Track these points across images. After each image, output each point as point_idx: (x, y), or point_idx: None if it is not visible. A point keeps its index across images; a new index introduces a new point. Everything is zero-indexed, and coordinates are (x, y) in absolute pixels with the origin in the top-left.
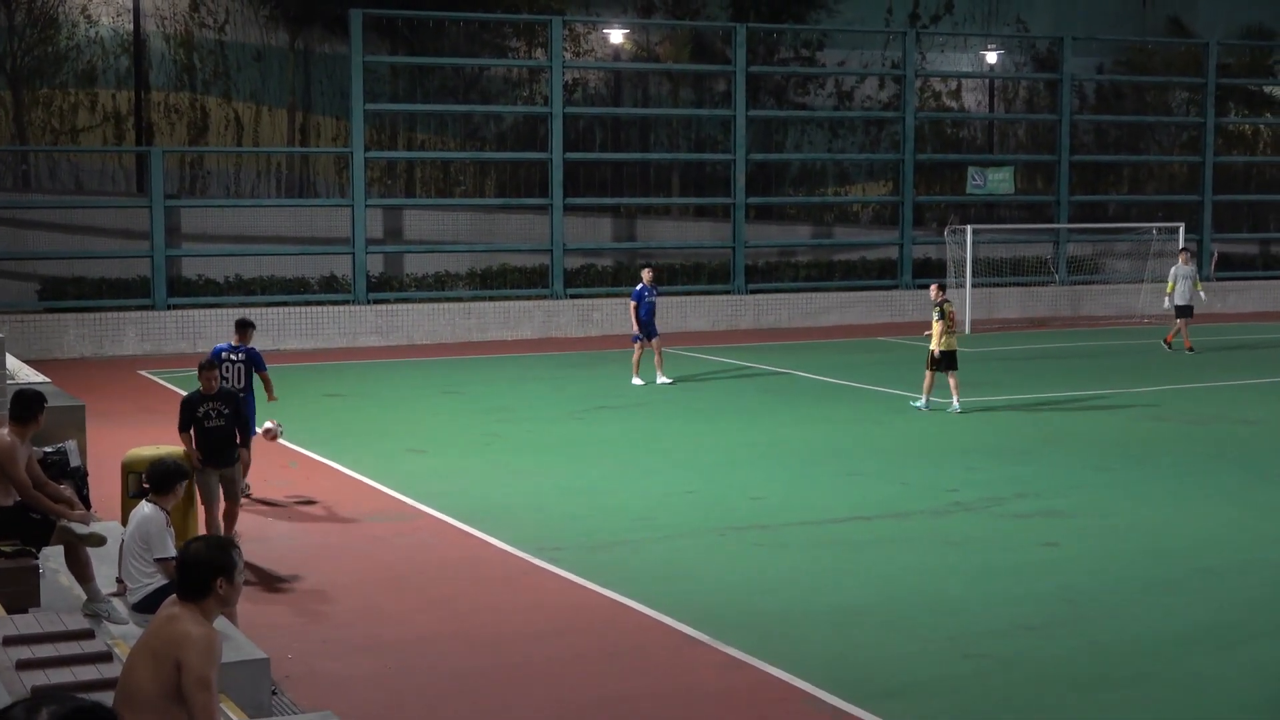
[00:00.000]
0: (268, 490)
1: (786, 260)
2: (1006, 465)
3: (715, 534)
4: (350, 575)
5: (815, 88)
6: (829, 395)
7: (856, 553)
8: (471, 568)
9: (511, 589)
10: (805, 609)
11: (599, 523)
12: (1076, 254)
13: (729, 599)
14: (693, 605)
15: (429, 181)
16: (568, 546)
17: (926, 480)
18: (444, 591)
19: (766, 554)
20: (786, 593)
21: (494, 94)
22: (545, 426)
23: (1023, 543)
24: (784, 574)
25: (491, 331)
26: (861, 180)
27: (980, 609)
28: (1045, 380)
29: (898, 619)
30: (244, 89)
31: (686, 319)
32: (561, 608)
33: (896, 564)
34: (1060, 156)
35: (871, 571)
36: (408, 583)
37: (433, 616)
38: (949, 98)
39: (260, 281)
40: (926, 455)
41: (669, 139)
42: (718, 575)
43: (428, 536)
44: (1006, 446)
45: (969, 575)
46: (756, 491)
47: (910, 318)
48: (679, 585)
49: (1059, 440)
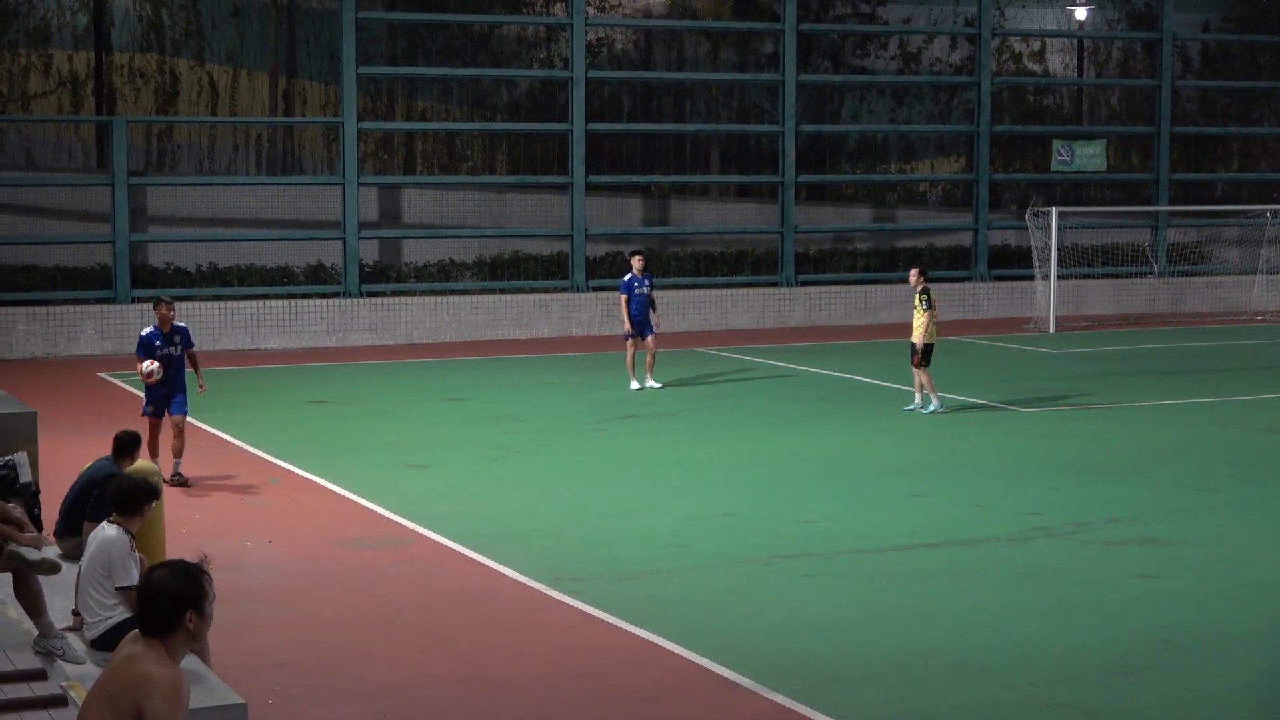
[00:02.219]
0: (245, 510)
1: (842, 248)
2: (1096, 485)
3: (759, 563)
4: (338, 609)
5: (876, 49)
6: (891, 404)
7: (921, 586)
8: (478, 601)
9: (524, 626)
10: (862, 651)
11: (625, 550)
12: (1178, 241)
13: (774, 638)
14: (733, 645)
15: (431, 156)
16: (589, 577)
17: (1003, 502)
18: (446, 628)
19: (818, 586)
20: (841, 632)
21: (506, 56)
22: (563, 439)
23: (1114, 575)
24: (838, 610)
25: (502, 329)
26: (930, 156)
27: (1064, 651)
28: (1141, 387)
29: (969, 662)
30: (219, 50)
31: (727, 315)
32: (582, 647)
33: (968, 599)
34: (1160, 128)
35: (939, 608)
36: (404, 618)
37: (432, 657)
38: (1031, 60)
39: (238, 271)
40: (1002, 473)
41: (707, 108)
42: (762, 610)
43: (427, 565)
44: (1096, 463)
45: (1051, 612)
46: (806, 514)
47: (986, 313)
48: (717, 622)
49: (1157, 456)
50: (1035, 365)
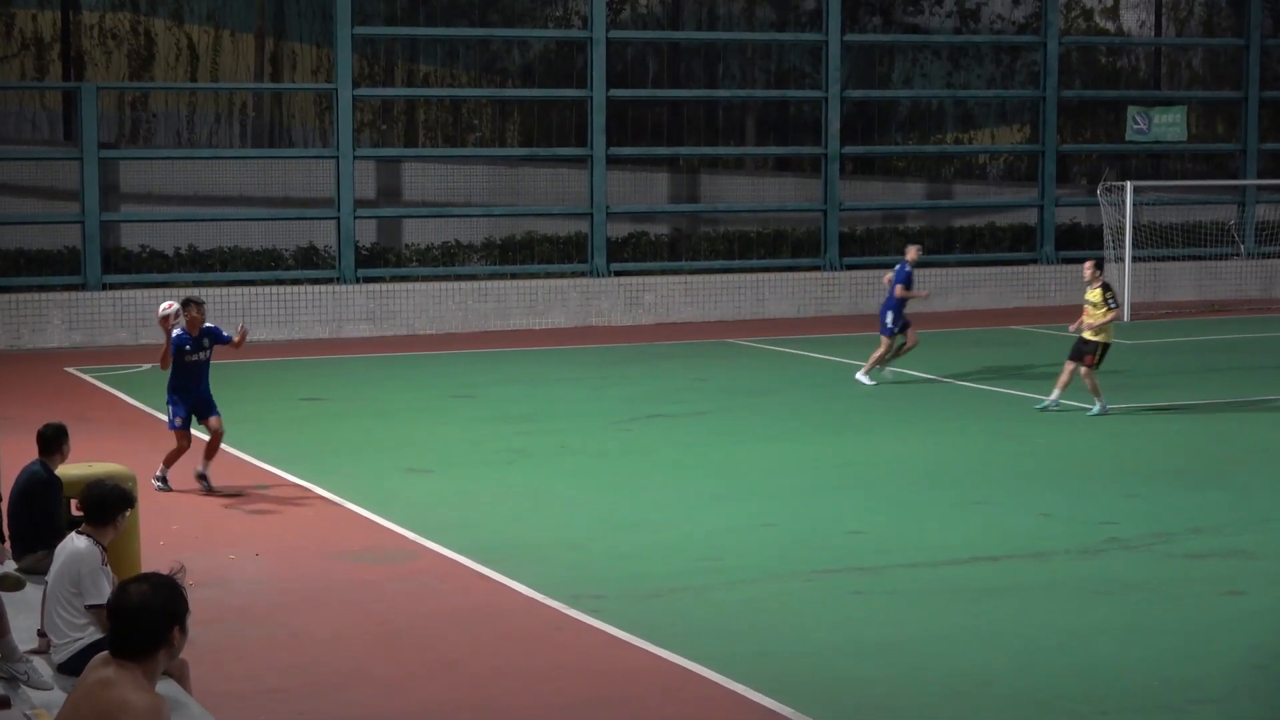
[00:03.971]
0: (229, 519)
1: (893, 227)
2: (1177, 491)
3: (801, 579)
4: (332, 629)
5: (930, 4)
6: (949, 401)
7: (982, 604)
8: (488, 621)
9: (539, 648)
10: (915, 676)
11: (651, 565)
12: (1268, 219)
13: (818, 662)
14: (771, 670)
15: (434, 127)
16: (612, 594)
17: (1073, 510)
18: (453, 651)
19: (866, 605)
20: (892, 655)
21: (518, 14)
22: (582, 441)
23: (1198, 591)
24: (889, 631)
25: (514, 318)
26: (990, 124)
27: (1143, 677)
28: (1227, 382)
29: (1035, 689)
30: (200, 9)
31: (764, 302)
32: (604, 672)
33: (1034, 619)
34: (1247, 93)
35: (1001, 628)
36: (407, 639)
37: (439, 683)
38: (1103, 17)
39: (220, 254)
40: (1074, 478)
41: (742, 71)
42: (804, 632)
43: (432, 580)
44: (1177, 467)
45: (1127, 632)
46: (854, 524)
47: (1053, 300)
48: (754, 644)
49: (1245, 460)
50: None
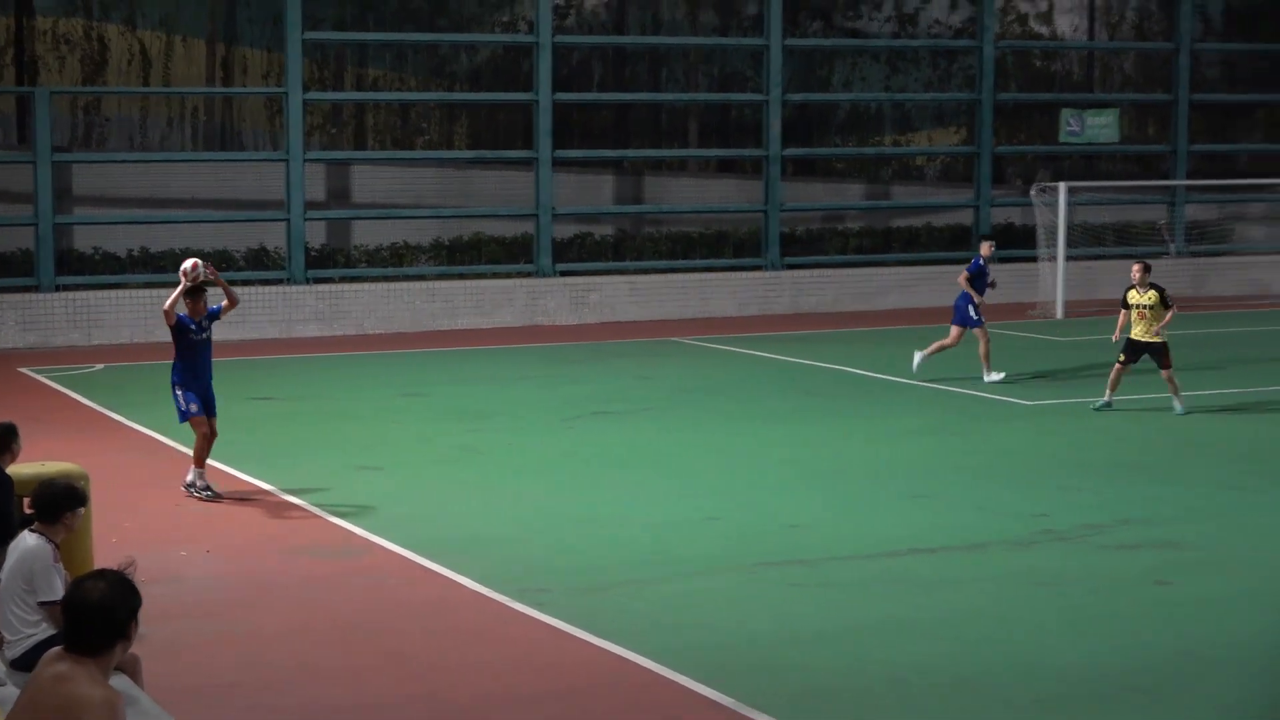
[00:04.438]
0: (181, 516)
1: (833, 227)
2: (1108, 485)
3: (742, 572)
4: (284, 625)
5: (869, 10)
6: (887, 397)
7: (919, 595)
8: (437, 615)
9: (488, 642)
10: (854, 665)
11: (597, 559)
12: (1198, 218)
13: (759, 653)
14: (714, 661)
15: (384, 130)
16: (558, 589)
17: (1009, 503)
18: (402, 645)
19: (807, 597)
20: (832, 645)
21: (466, 19)
22: (530, 438)
23: (1129, 581)
24: (828, 621)
25: (462, 318)
26: (928, 127)
27: (1074, 665)
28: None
29: (972, 677)
30: (152, 14)
31: (707, 301)
32: (549, 665)
33: (970, 608)
34: (1178, 95)
35: (938, 618)
36: (357, 634)
37: (388, 676)
38: (1038, 22)
39: (172, 256)
40: (1007, 472)
41: (685, 75)
42: (745, 623)
43: (382, 576)
44: (1108, 461)
45: (1061, 622)
46: (794, 518)
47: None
48: (697, 636)
49: (1175, 454)
50: (1041, 354)
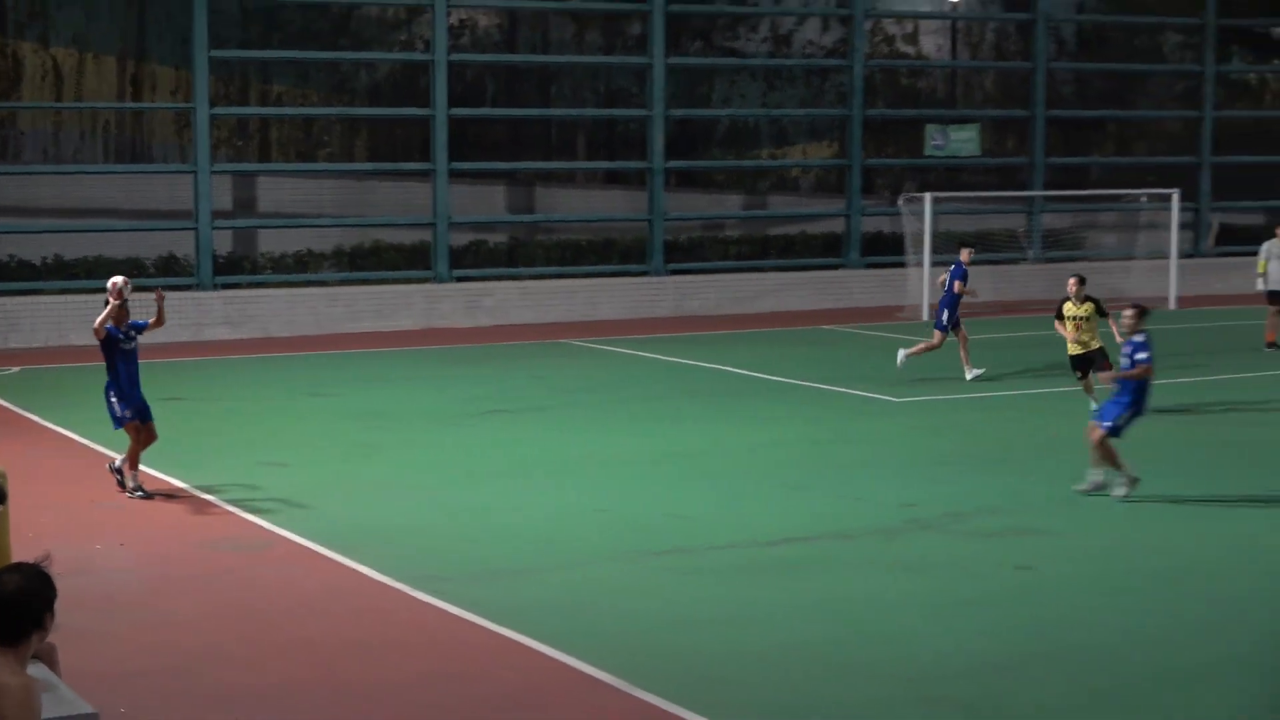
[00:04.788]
0: (95, 512)
1: (713, 235)
2: (972, 475)
3: (629, 559)
4: (194, 613)
5: (747, 30)
6: (765, 396)
7: (795, 580)
8: (340, 602)
9: (388, 627)
10: (734, 647)
11: (491, 548)
12: (1054, 226)
13: (644, 636)
14: (602, 644)
15: (287, 143)
16: (456, 577)
17: (879, 494)
18: (307, 631)
19: (689, 583)
20: (712, 628)
21: (366, 38)
22: (428, 435)
23: (991, 567)
24: (709, 606)
25: (363, 322)
26: (802, 141)
27: (941, 645)
28: (1019, 375)
29: (844, 658)
30: (65, 32)
31: (596, 305)
32: (447, 648)
33: (842, 593)
34: (1035, 112)
35: (813, 602)
36: (263, 621)
37: (293, 661)
38: (904, 43)
39: (86, 263)
40: (878, 465)
41: (574, 92)
42: (631, 608)
43: (288, 567)
44: (972, 454)
45: (927, 605)
46: (678, 509)
47: (859, 302)
48: (586, 620)
49: (1035, 446)
50: None
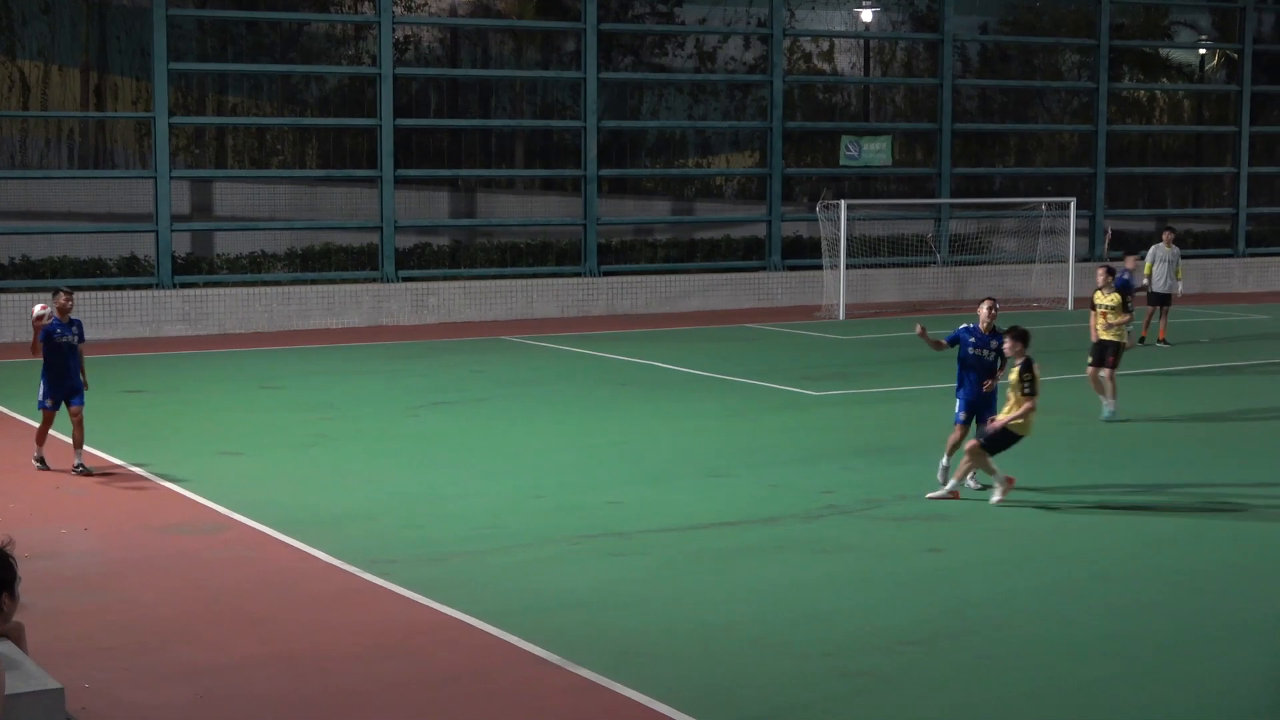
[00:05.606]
0: (59, 498)
1: (643, 239)
2: (886, 465)
3: (566, 543)
4: (156, 594)
5: (674, 48)
6: (692, 389)
7: (722, 563)
8: (293, 584)
9: (339, 607)
10: (666, 625)
11: (437, 532)
12: (960, 232)
13: (581, 615)
14: (541, 623)
15: (242, 151)
16: (402, 559)
17: (799, 482)
18: (262, 610)
19: (623, 565)
20: (645, 608)
21: (316, 52)
22: (376, 425)
23: (904, 549)
24: (642, 587)
25: (314, 319)
26: (725, 151)
27: (859, 622)
28: (927, 371)
29: (768, 635)
30: (30, 45)
31: (533, 304)
32: (395, 627)
33: (766, 575)
34: (941, 125)
35: (739, 583)
36: (221, 601)
37: (250, 638)
38: (821, 60)
39: (51, 263)
40: (799, 455)
41: (512, 104)
42: (569, 589)
43: (244, 550)
44: (886, 444)
45: (845, 585)
46: (612, 496)
47: (780, 302)
48: (525, 601)
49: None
50: (826, 351)
